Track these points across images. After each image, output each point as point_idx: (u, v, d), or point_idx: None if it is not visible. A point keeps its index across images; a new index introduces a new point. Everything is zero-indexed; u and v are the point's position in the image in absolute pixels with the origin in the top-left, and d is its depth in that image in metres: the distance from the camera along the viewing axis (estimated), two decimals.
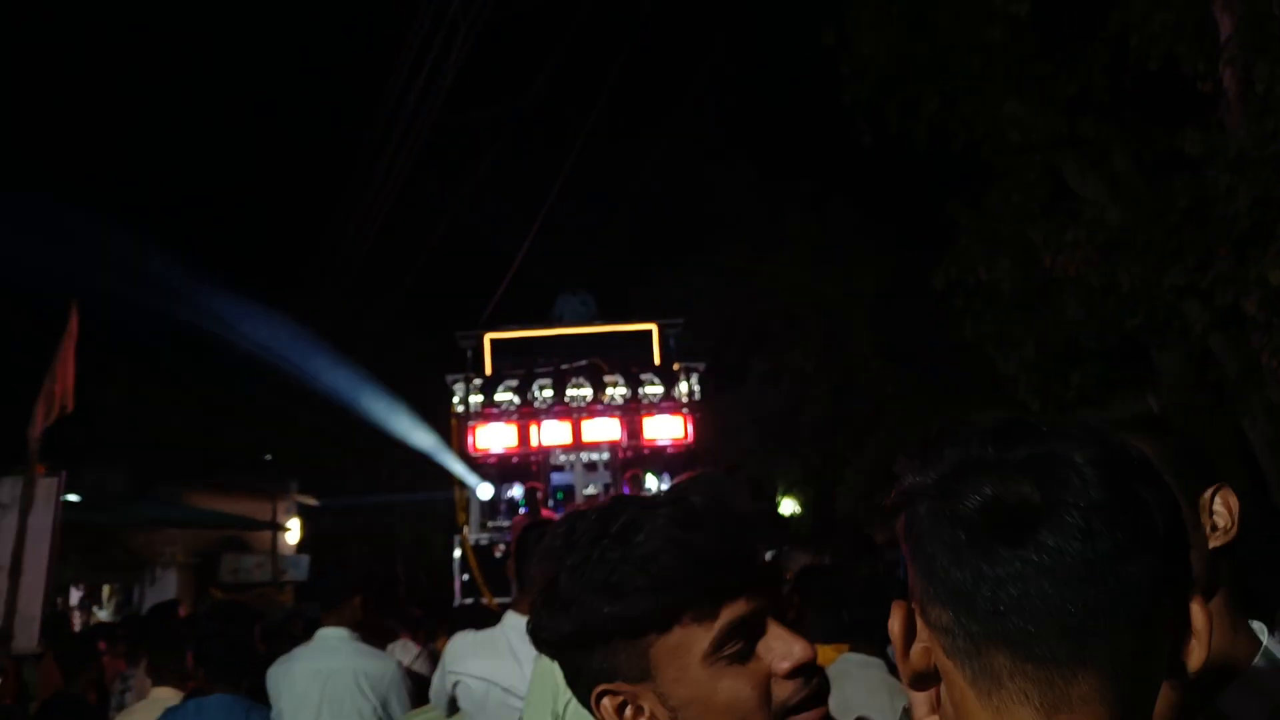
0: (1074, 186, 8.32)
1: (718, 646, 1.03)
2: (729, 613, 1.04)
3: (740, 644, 1.04)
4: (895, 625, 0.86)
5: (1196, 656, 0.80)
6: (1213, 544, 1.29)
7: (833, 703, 1.10)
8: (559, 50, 11.09)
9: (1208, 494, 1.31)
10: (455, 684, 2.90)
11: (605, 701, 1.08)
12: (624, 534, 1.06)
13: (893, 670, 3.05)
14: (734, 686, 1.03)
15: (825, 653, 3.22)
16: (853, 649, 3.09)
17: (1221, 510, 1.31)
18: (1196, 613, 0.80)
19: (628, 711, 1.07)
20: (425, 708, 3.20)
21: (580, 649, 1.08)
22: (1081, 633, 0.76)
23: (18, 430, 7.69)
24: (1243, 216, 6.48)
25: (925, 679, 0.87)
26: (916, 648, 0.86)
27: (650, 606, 1.03)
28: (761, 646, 1.05)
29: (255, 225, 19.40)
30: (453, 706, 2.98)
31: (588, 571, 1.06)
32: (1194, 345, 7.89)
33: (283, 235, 19.43)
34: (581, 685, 1.10)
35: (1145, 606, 0.77)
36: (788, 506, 19.88)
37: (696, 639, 1.03)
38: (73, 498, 9.99)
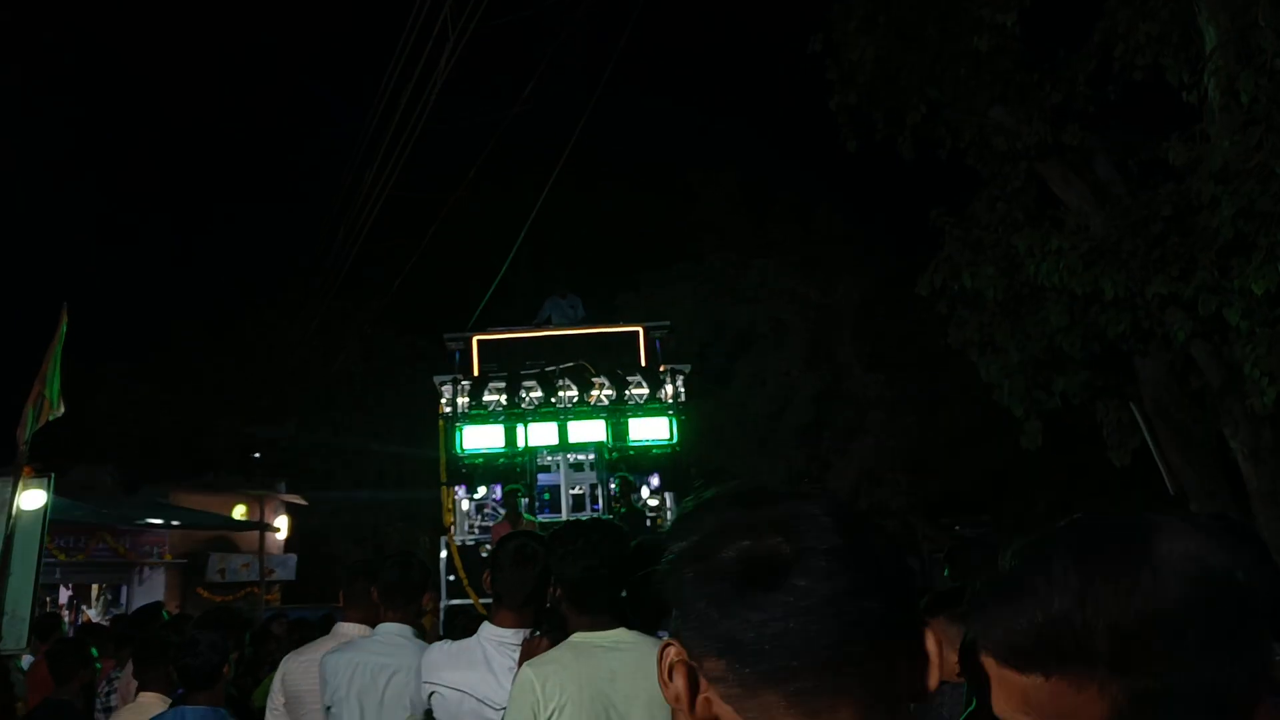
0: (1059, 194, 8.37)
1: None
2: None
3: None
4: (680, 683, 0.92)
5: (932, 678, 0.90)
6: None
7: None
8: (548, 51, 11.08)
9: None
10: (430, 694, 2.91)
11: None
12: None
13: None
14: None
15: None
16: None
17: None
18: (929, 640, 0.90)
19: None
20: (408, 718, 3.20)
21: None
22: (835, 664, 0.85)
23: (6, 432, 7.70)
24: (1226, 226, 6.52)
25: None
26: (700, 699, 0.91)
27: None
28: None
29: (247, 224, 19.33)
30: (429, 717, 2.98)
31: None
32: (1176, 354, 7.95)
33: (274, 234, 19.35)
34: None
35: (883, 635, 0.87)
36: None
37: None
38: (61, 499, 9.96)
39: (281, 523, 19.87)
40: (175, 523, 16.85)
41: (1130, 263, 7.22)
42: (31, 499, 7.70)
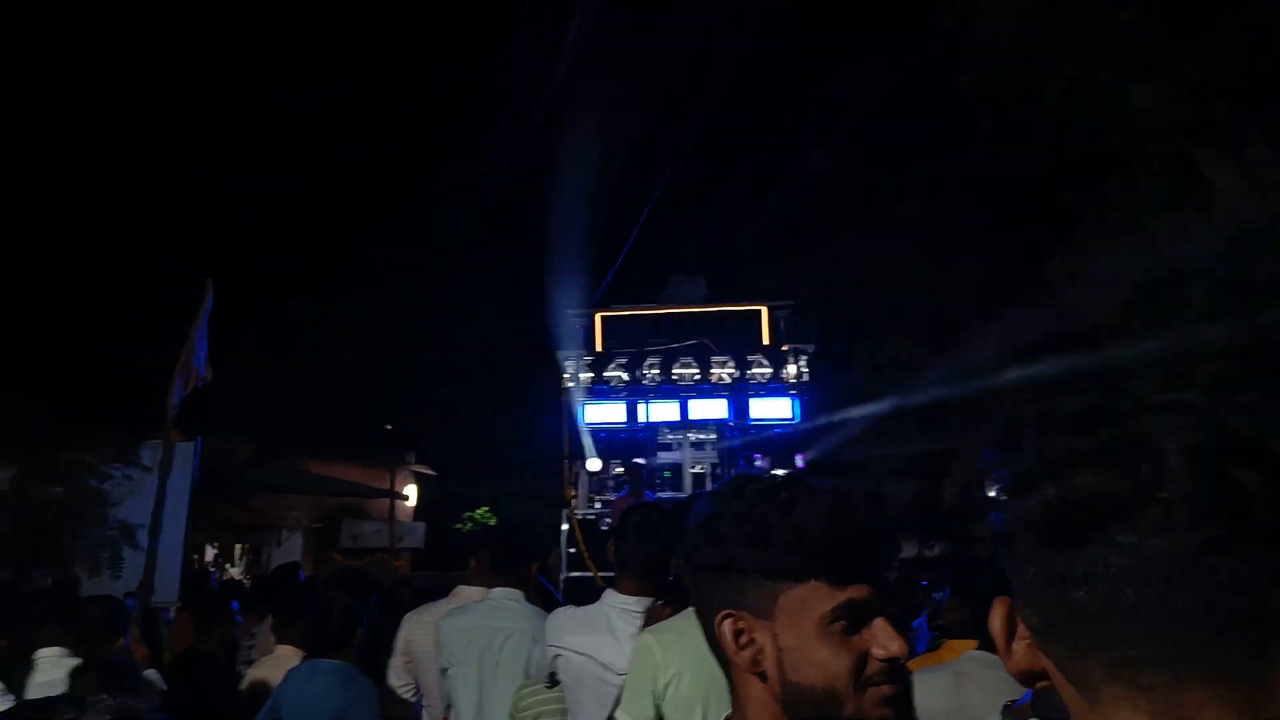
0: (1206, 175, 7.98)
1: (833, 617, 1.18)
2: (852, 593, 1.19)
3: (849, 623, 1.19)
4: (995, 622, 0.85)
5: None
6: None
7: (949, 702, 1.20)
8: (675, 42, 11.09)
9: None
10: (555, 657, 2.98)
11: (726, 624, 1.24)
12: (788, 504, 1.22)
13: None
14: (833, 654, 1.18)
15: (957, 645, 3.18)
16: (980, 646, 2.98)
17: None
18: None
19: (743, 638, 1.23)
20: (530, 680, 3.29)
21: (722, 575, 1.25)
22: (1171, 635, 0.70)
23: (157, 400, 8.16)
24: None
25: (1032, 677, 0.84)
26: (1019, 645, 0.83)
27: (790, 563, 1.20)
28: (867, 632, 1.20)
29: (379, 203, 19.89)
30: (553, 679, 3.05)
31: (748, 522, 1.23)
32: None
33: (405, 217, 19.88)
34: (709, 606, 1.27)
35: (1247, 605, 0.69)
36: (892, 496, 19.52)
37: (819, 601, 1.19)
38: (207, 464, 10.51)
39: (410, 492, 20.52)
40: (311, 490, 17.59)
41: None
42: (180, 462, 8.17)
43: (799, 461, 10.89)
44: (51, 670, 3.92)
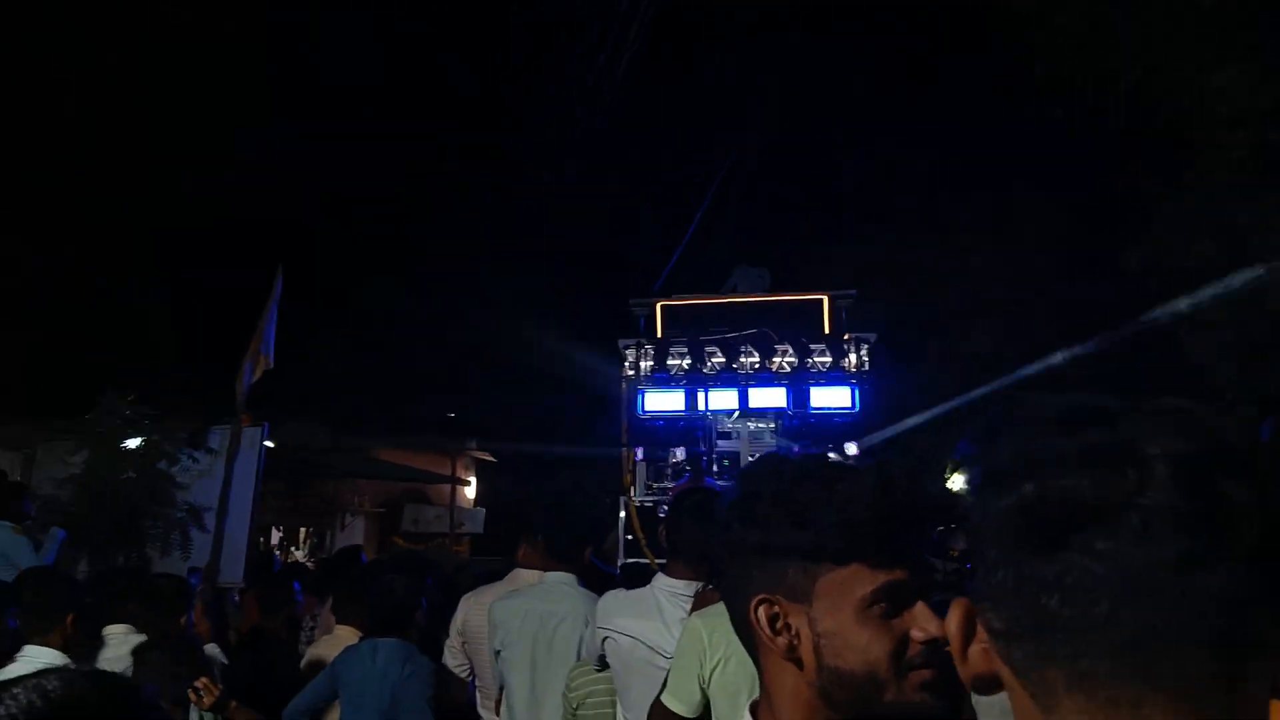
0: None
1: (874, 599, 1.15)
2: (892, 575, 1.16)
3: (890, 605, 1.16)
4: (952, 623, 0.81)
5: None
6: None
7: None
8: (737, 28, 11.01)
9: None
10: (604, 639, 2.98)
11: (761, 610, 1.21)
12: (829, 481, 1.19)
13: None
14: (874, 637, 1.15)
15: None
16: None
17: None
18: None
19: (778, 624, 1.20)
20: (583, 663, 3.30)
21: (758, 558, 1.22)
22: (1140, 651, 0.67)
23: (226, 384, 8.34)
24: None
25: (987, 683, 0.80)
26: (975, 649, 0.80)
27: (832, 542, 1.17)
28: (907, 615, 1.17)
29: (437, 191, 20.04)
30: (602, 662, 3.06)
31: (788, 502, 1.20)
32: None
33: (475, 207, 20.04)
34: (743, 593, 1.23)
35: (1224, 625, 0.66)
36: (956, 483, 19.34)
37: (860, 584, 1.16)
38: (271, 446, 10.71)
39: (471, 478, 20.74)
40: (375, 475, 17.85)
41: None
42: (247, 445, 8.33)
43: (851, 449, 10.78)
44: (119, 646, 4.02)
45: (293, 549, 17.92)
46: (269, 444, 9.41)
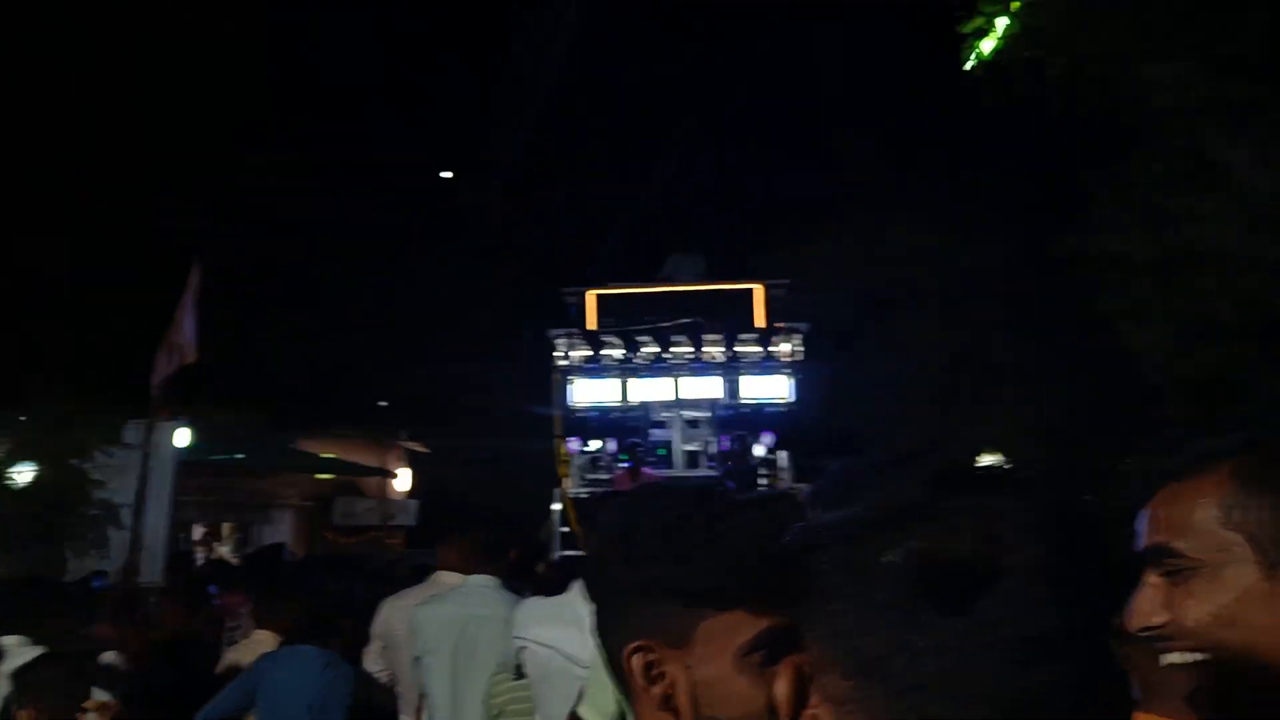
0: (1218, 155, 7.79)
1: (754, 646, 1.07)
2: (774, 620, 1.07)
3: (771, 652, 1.07)
4: (782, 689, 0.78)
5: None
6: None
7: None
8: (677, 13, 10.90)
9: None
10: (521, 649, 2.88)
11: (636, 658, 1.12)
12: (713, 518, 1.11)
13: None
14: (751, 687, 1.07)
15: None
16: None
17: None
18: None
19: (654, 671, 1.11)
20: (501, 670, 3.18)
21: (634, 598, 1.13)
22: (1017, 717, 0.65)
23: (142, 378, 8.04)
24: None
25: None
26: (808, 714, 0.76)
27: (716, 585, 1.08)
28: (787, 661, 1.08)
29: (371, 180, 19.74)
30: (519, 671, 2.96)
31: (670, 539, 1.12)
32: None
33: (396, 191, 19.73)
34: (616, 637, 1.14)
35: (1089, 691, 0.66)
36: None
37: (742, 629, 1.08)
38: (193, 442, 10.38)
39: (403, 470, 20.44)
40: (303, 468, 17.47)
41: None
42: (164, 441, 8.03)
43: (766, 438, 10.85)
44: (13, 660, 3.78)
45: (216, 544, 17.48)
46: (188, 438, 9.11)
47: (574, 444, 11.59)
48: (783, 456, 11.14)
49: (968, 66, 8.21)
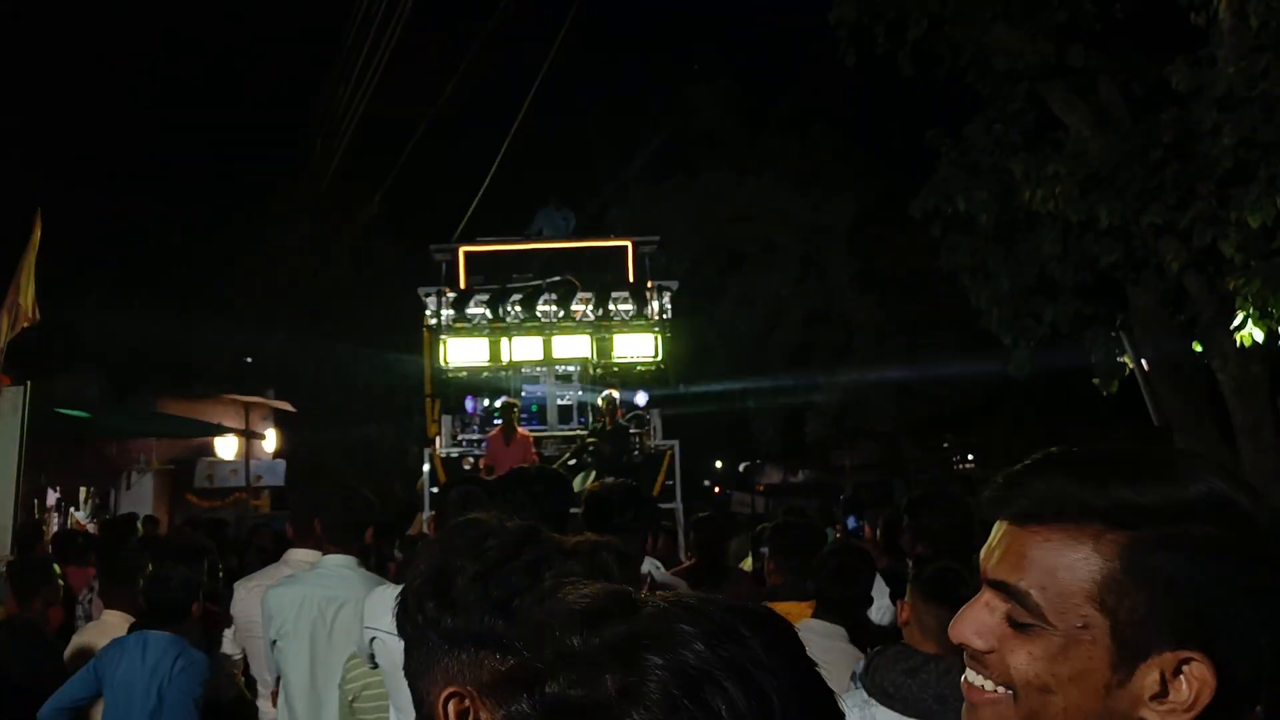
0: (1059, 117, 8.13)
1: None
2: None
3: None
4: None
5: None
6: None
7: None
8: None
9: None
10: (372, 639, 2.85)
11: (451, 705, 1.09)
12: (535, 566, 1.10)
13: (853, 639, 3.04)
14: None
15: (791, 609, 3.21)
16: (815, 615, 3.12)
17: None
18: None
19: (469, 717, 1.09)
20: (355, 654, 3.14)
21: (450, 643, 1.11)
22: None
23: None
24: (1226, 155, 6.37)
25: None
26: None
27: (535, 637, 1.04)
28: None
29: (230, 134, 18.96)
30: (373, 660, 2.94)
31: (490, 586, 1.09)
32: (1169, 285, 7.83)
33: (257, 144, 19.01)
34: (430, 679, 1.13)
35: None
36: (759, 426, 20.08)
37: None
38: (42, 406, 9.89)
39: (269, 430, 19.89)
40: (161, 431, 16.83)
41: (1127, 191, 7.08)
42: (8, 408, 7.63)
43: (641, 397, 10.94)
44: None
45: (73, 510, 16.76)
46: (33, 403, 8.64)
47: (470, 403, 11.46)
48: (655, 415, 11.24)
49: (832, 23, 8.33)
